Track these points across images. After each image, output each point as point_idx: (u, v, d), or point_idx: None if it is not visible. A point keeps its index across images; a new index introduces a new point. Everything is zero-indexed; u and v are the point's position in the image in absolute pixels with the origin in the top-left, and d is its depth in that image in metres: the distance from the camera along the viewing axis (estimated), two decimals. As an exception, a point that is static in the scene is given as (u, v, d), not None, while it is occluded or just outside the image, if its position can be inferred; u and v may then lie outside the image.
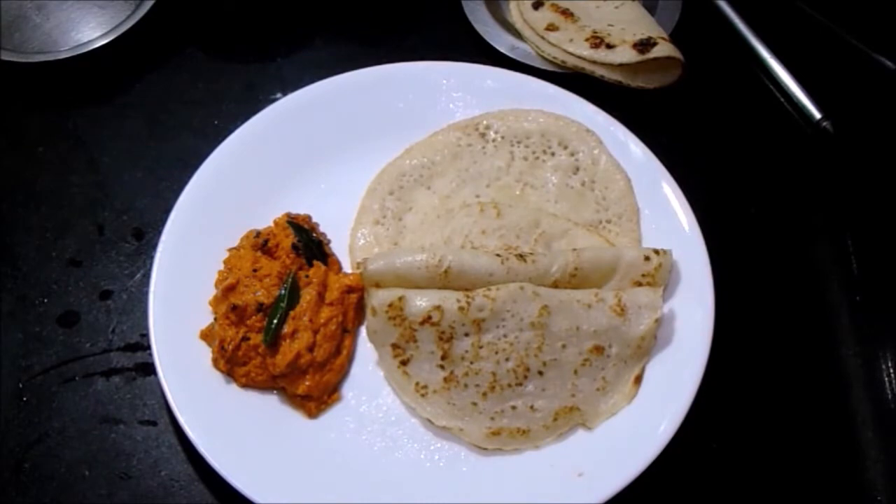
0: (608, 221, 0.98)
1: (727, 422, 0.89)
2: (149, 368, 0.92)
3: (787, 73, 1.13)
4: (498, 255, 0.91)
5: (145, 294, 0.91)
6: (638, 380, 0.88)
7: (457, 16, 1.13)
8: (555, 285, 0.90)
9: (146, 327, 0.89)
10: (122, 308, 0.97)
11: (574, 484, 0.82)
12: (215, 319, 0.90)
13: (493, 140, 1.03)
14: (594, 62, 1.10)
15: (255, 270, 0.91)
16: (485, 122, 1.03)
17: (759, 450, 0.88)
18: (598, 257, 0.91)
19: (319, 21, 1.18)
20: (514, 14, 1.18)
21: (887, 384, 0.92)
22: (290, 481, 0.83)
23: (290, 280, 0.90)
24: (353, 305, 0.92)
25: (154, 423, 0.90)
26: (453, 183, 1.01)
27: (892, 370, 0.93)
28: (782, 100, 1.13)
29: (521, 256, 0.91)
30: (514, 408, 0.87)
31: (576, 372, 0.88)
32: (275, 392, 0.89)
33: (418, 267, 0.90)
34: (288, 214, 0.96)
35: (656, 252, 0.91)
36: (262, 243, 0.93)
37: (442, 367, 0.88)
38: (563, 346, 0.88)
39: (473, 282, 0.90)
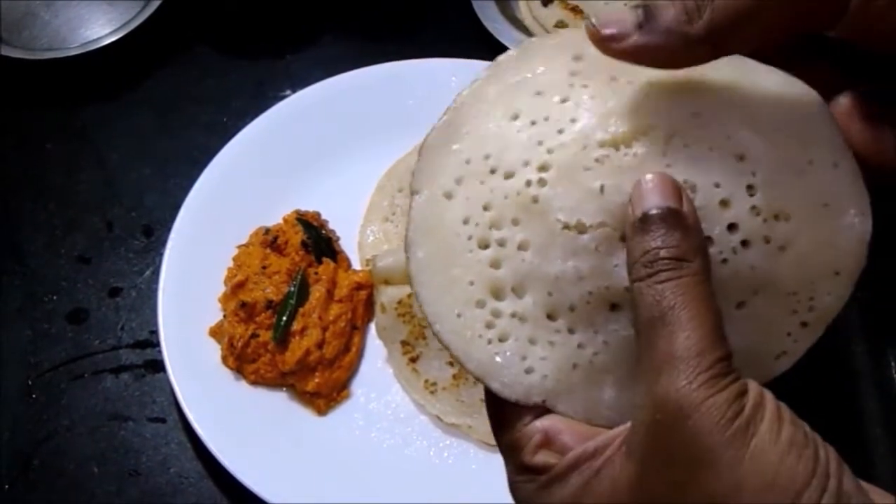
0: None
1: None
2: (158, 365, 0.92)
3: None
4: (507, 252, 0.90)
5: (154, 291, 0.91)
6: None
7: (466, 13, 1.12)
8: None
9: (155, 324, 0.89)
10: (131, 305, 0.97)
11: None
12: (224, 316, 0.90)
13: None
14: (603, 59, 1.09)
15: (264, 267, 0.91)
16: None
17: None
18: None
19: (328, 18, 1.18)
20: (523, 11, 1.18)
21: (897, 382, 0.92)
22: (299, 478, 0.83)
23: (299, 277, 0.90)
24: (363, 302, 0.92)
25: (163, 420, 0.90)
26: (462, 180, 1.00)
27: (902, 368, 0.92)
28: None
29: (530, 254, 0.90)
30: (522, 405, 0.87)
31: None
32: (284, 389, 0.89)
33: (427, 264, 0.89)
34: (297, 211, 0.96)
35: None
36: (271, 240, 0.93)
37: (451, 364, 0.88)
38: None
39: (482, 279, 0.89)
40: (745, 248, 0.39)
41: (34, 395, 0.92)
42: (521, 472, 0.40)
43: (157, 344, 0.89)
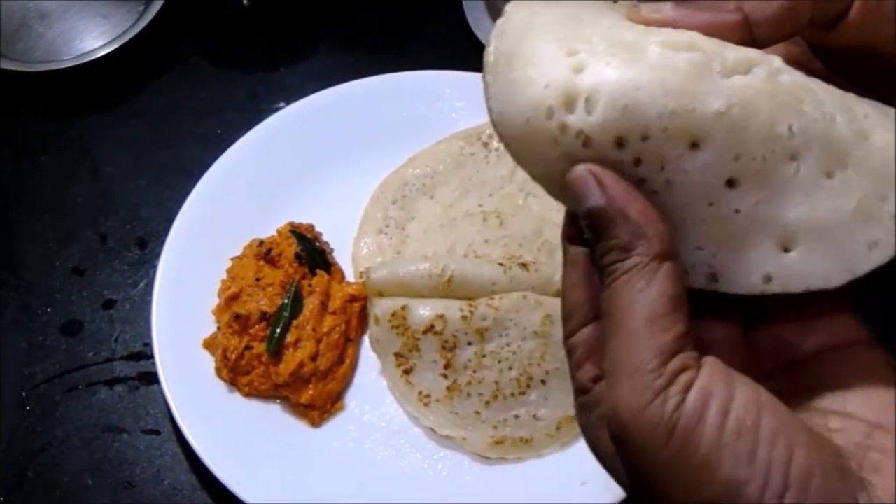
0: (611, 230, 0.98)
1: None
2: (152, 377, 0.92)
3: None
4: (501, 264, 0.91)
5: (148, 303, 0.91)
6: (641, 389, 0.87)
7: (460, 25, 1.13)
8: (557, 294, 0.90)
9: (149, 336, 0.89)
10: (125, 317, 0.97)
11: (577, 493, 0.82)
12: (218, 328, 0.90)
13: (496, 149, 1.02)
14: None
15: (257, 279, 0.91)
16: (487, 132, 1.03)
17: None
18: (600, 266, 0.91)
19: (322, 31, 1.18)
20: (516, 23, 1.18)
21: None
22: (293, 490, 0.83)
23: (292, 289, 0.90)
24: (356, 314, 0.92)
25: (157, 433, 0.90)
26: (456, 192, 1.00)
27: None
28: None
29: (523, 265, 0.91)
30: (517, 417, 0.87)
31: (579, 381, 0.88)
32: (278, 401, 0.89)
33: (421, 276, 0.90)
34: (291, 223, 0.96)
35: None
36: (264, 252, 0.93)
37: (445, 376, 0.88)
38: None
39: (476, 291, 0.90)
40: (832, 121, 0.39)
41: (28, 407, 0.92)
42: (573, 381, 0.42)
43: (151, 356, 0.89)
